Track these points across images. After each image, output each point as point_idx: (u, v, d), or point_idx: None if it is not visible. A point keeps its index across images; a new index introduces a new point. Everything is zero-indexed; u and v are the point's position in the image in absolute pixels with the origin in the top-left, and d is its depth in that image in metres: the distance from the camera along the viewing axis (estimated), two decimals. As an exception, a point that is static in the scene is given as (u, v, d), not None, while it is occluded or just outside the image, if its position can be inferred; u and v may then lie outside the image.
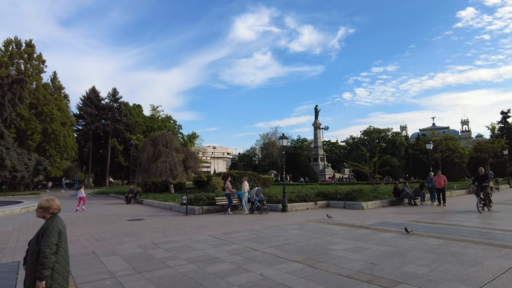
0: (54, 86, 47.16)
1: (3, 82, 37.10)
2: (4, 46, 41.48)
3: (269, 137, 76.04)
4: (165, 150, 27.96)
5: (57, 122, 42.88)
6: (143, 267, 6.46)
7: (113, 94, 60.42)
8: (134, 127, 59.78)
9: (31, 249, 3.22)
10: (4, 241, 9.55)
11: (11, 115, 38.06)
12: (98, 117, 57.32)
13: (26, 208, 18.09)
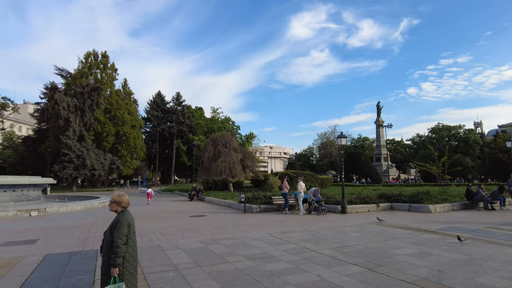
0: (125, 92, 51.51)
1: (84, 90, 41.61)
2: (85, 58, 46.43)
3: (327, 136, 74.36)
4: (225, 150, 28.90)
5: (128, 125, 46.78)
6: (204, 261, 6.77)
7: (177, 98, 64.11)
8: (196, 128, 62.80)
9: (106, 239, 3.60)
10: (86, 231, 10.72)
11: (90, 119, 42.52)
12: (164, 119, 61.33)
13: (103, 203, 20.07)
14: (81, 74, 44.80)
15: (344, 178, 21.22)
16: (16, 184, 18.23)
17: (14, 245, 8.67)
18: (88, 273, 6.01)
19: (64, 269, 6.30)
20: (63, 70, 48.24)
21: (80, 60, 46.31)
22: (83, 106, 41.29)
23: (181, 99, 64.42)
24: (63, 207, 17.05)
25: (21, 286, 5.32)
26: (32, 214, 15.15)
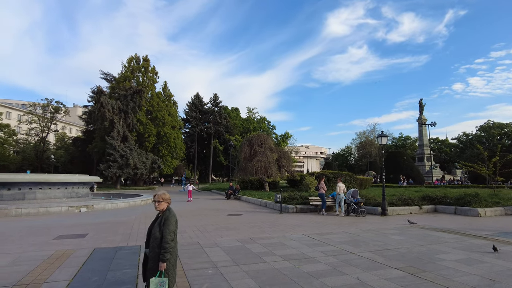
0: (165, 94, 53.44)
1: (127, 93, 43.76)
2: (128, 62, 48.80)
3: (366, 135, 72.02)
4: (260, 150, 29.06)
5: (168, 126, 48.50)
6: (241, 260, 6.87)
7: (214, 99, 65.46)
8: (233, 128, 63.76)
9: (154, 236, 3.79)
10: (129, 228, 11.28)
11: (133, 121, 44.63)
12: (202, 120, 62.91)
13: (145, 201, 20.99)
14: (124, 78, 47.15)
15: (385, 178, 20.50)
16: (67, 182, 19.65)
17: (67, 238, 9.34)
18: (132, 268, 6.32)
19: (111, 262, 6.68)
20: (108, 75, 51.11)
21: (123, 65, 48.79)
22: (127, 108, 43.43)
23: (218, 100, 65.70)
24: (108, 204, 18.07)
25: (74, 276, 5.72)
26: (81, 210, 16.21)
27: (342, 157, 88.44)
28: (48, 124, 53.92)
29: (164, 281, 3.65)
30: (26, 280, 5.51)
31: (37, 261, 6.74)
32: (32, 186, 18.16)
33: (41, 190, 18.34)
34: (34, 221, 12.98)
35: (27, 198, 17.70)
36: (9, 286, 5.24)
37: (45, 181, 18.75)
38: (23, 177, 19.27)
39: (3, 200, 17.00)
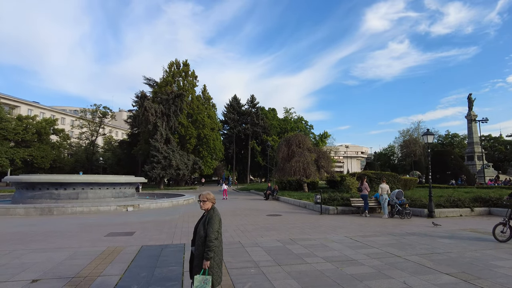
0: (205, 97, 54.82)
1: (169, 97, 45.48)
2: (168, 67, 50.69)
3: (410, 134, 68.67)
4: (298, 150, 28.85)
5: (208, 128, 49.71)
6: (283, 260, 6.88)
7: (251, 101, 66.07)
8: (270, 129, 63.94)
9: (199, 234, 3.93)
10: (173, 227, 11.72)
11: (175, 123, 46.28)
12: (239, 122, 63.77)
13: (187, 200, 21.69)
14: (165, 83, 49.04)
15: (431, 179, 19.45)
16: (115, 182, 20.83)
17: (116, 235, 9.91)
18: (177, 265, 6.57)
19: (157, 260, 7.00)
20: (151, 80, 53.44)
21: (164, 70, 50.73)
22: (168, 111, 45.15)
23: (255, 101, 66.22)
24: (153, 203, 18.90)
25: (124, 271, 6.07)
26: (128, 209, 17.11)
27: (385, 156, 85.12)
28: (97, 128, 57.49)
29: (208, 278, 3.75)
30: (83, 273, 5.94)
31: (91, 256, 7.22)
32: (85, 186, 19.48)
33: (92, 190, 19.60)
34: (87, 219, 13.92)
35: (80, 198, 19.00)
36: (70, 277, 5.68)
37: (95, 182, 20.02)
38: (76, 178, 20.71)
39: (61, 199, 18.40)
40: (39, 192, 18.71)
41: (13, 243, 8.68)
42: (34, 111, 64.68)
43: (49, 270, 6.17)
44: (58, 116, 66.92)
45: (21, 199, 18.88)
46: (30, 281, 5.54)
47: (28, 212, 15.26)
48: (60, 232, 10.55)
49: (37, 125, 47.55)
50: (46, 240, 9.22)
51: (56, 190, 18.71)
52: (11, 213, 15.16)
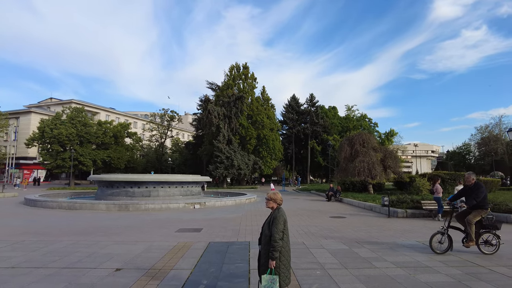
0: (264, 98, 55.46)
1: (230, 100, 46.96)
2: (229, 71, 52.34)
3: (490, 130, 61.68)
4: (362, 149, 27.68)
5: (267, 128, 50.27)
6: (349, 263, 6.65)
7: (310, 99, 65.13)
8: (331, 128, 62.38)
9: (264, 233, 3.98)
10: (238, 224, 12.05)
11: (236, 125, 47.64)
12: (299, 121, 63.27)
13: (249, 199, 22.15)
14: (227, 86, 50.73)
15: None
16: (183, 181, 22.11)
17: (185, 231, 10.50)
18: (243, 262, 6.74)
19: (224, 256, 7.24)
20: (213, 84, 55.69)
21: (225, 74, 52.50)
22: (230, 113, 46.64)
23: (314, 100, 65.16)
24: (218, 202, 19.65)
25: (194, 266, 6.39)
26: (195, 207, 18.01)
27: (459, 155, 77.49)
28: (165, 131, 61.59)
29: (275, 278, 3.77)
30: (158, 266, 6.39)
31: (164, 250, 7.75)
32: (156, 185, 21.01)
33: (162, 189, 21.05)
34: (158, 215, 14.97)
35: (152, 195, 20.53)
36: (146, 269, 6.16)
37: (165, 181, 21.47)
38: (148, 177, 22.44)
39: (135, 197, 20.08)
40: (117, 190, 20.64)
41: (99, 235, 9.69)
42: (111, 117, 71.62)
43: (129, 260, 6.76)
44: (131, 121, 73.32)
45: (103, 195, 21.01)
46: (115, 269, 6.13)
47: (109, 208, 16.91)
48: (136, 226, 11.50)
49: (113, 129, 52.46)
50: (124, 233, 10.12)
51: (131, 188, 20.47)
52: (95, 208, 16.95)
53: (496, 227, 7.46)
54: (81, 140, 47.00)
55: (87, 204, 17.33)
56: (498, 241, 7.39)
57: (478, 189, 7.46)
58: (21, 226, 11.60)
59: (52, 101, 74.49)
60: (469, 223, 7.40)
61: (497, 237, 7.43)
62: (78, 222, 12.66)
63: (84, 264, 6.44)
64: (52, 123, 45.77)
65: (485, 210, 7.45)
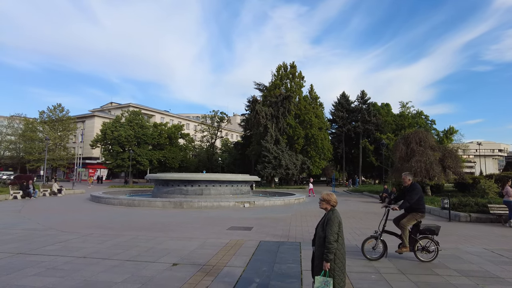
0: (311, 96, 54.66)
1: (277, 100, 46.99)
2: (276, 71, 52.39)
3: None
4: (419, 148, 26.05)
5: (315, 128, 49.46)
6: (408, 269, 6.31)
7: (361, 97, 62.80)
8: (384, 126, 59.57)
9: (318, 234, 3.93)
10: (287, 224, 12.02)
11: (283, 125, 47.55)
12: (349, 119, 61.35)
13: (298, 199, 21.97)
14: (274, 86, 50.83)
15: None
16: (233, 180, 22.61)
17: (236, 230, 10.71)
18: (295, 263, 6.69)
19: (276, 255, 7.26)
20: (260, 84, 56.10)
21: (273, 74, 52.64)
22: (277, 113, 46.68)
23: (365, 97, 62.71)
24: (267, 201, 19.77)
25: (246, 264, 6.50)
26: (245, 206, 18.30)
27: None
28: (215, 132, 63.46)
29: (329, 281, 3.69)
30: (212, 262, 6.60)
31: (217, 247, 7.98)
32: (207, 183, 21.72)
33: (214, 187, 21.71)
34: (210, 212, 15.45)
35: (204, 194, 21.26)
36: (201, 265, 6.40)
37: (216, 180, 22.11)
38: (201, 176, 23.27)
39: (188, 195, 20.95)
40: (171, 188, 21.70)
41: (156, 231, 10.26)
42: (165, 119, 75.54)
43: (184, 256, 7.07)
44: (183, 122, 76.68)
45: (159, 193, 22.20)
46: (171, 264, 6.45)
47: (164, 205, 17.83)
48: (189, 223, 11.99)
49: (168, 131, 55.24)
50: (179, 230, 10.60)
51: (185, 187, 21.39)
52: (152, 205, 17.97)
53: (433, 232, 6.91)
54: (138, 141, 50.22)
55: (144, 201, 18.45)
56: (437, 248, 6.82)
57: (412, 190, 6.93)
58: (89, 220, 12.68)
59: (113, 105, 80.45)
60: (403, 228, 6.95)
61: (436, 243, 6.84)
62: (137, 218, 13.52)
63: (144, 258, 6.86)
64: (112, 126, 49.51)
65: (421, 214, 6.93)
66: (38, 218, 12.97)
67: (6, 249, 7.50)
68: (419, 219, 6.96)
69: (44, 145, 46.94)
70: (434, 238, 6.95)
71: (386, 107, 66.68)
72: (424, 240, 6.99)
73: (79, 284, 5.20)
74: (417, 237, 6.97)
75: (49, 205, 18.39)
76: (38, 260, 6.59)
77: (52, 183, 27.85)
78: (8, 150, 66.78)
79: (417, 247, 6.97)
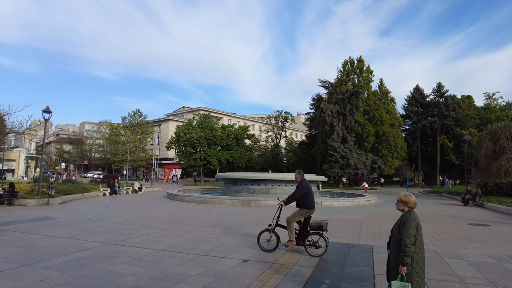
0: (382, 91, 51.72)
1: (344, 96, 45.44)
2: (342, 66, 50.67)
3: None
4: (510, 144, 23.03)
5: (387, 124, 46.64)
6: (500, 281, 5.62)
7: (438, 89, 57.57)
8: (465, 121, 53.85)
9: (394, 236, 3.72)
10: (358, 227, 11.57)
11: (351, 122, 45.78)
12: (424, 115, 56.68)
13: (369, 201, 21.00)
14: (340, 82, 49.22)
15: None
16: (299, 180, 22.43)
17: (304, 230, 10.64)
18: (367, 266, 6.43)
19: (346, 258, 7.05)
20: (325, 82, 54.76)
21: (338, 70, 50.99)
22: (344, 111, 45.12)
23: (442, 89, 57.29)
24: (335, 202, 19.27)
25: (316, 265, 6.43)
26: (312, 206, 18.06)
27: None
28: (280, 132, 63.80)
29: (406, 286, 3.49)
30: (281, 261, 6.67)
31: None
32: (273, 183, 21.94)
33: (279, 187, 21.84)
34: (278, 212, 15.57)
35: (270, 193, 21.52)
36: (270, 263, 6.50)
37: (282, 179, 22.20)
38: (267, 176, 23.61)
39: (255, 193, 21.40)
40: (239, 186, 22.40)
41: (226, 228, 10.71)
42: (232, 121, 78.25)
43: (254, 253, 7.25)
44: (249, 123, 78.65)
45: (228, 191, 23.10)
46: (242, 260, 6.67)
47: (233, 203, 18.48)
48: (258, 221, 12.25)
49: (235, 132, 57.16)
50: (248, 227, 10.91)
51: (252, 186, 21.91)
52: (222, 203, 18.77)
53: (322, 228, 7.14)
54: (208, 142, 52.93)
55: (215, 199, 19.35)
56: (327, 243, 7.02)
57: (297, 187, 7.37)
58: (166, 216, 13.73)
59: (185, 109, 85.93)
60: (288, 222, 7.22)
61: (325, 239, 7.04)
62: (208, 214, 14.25)
63: (216, 253, 7.21)
64: (185, 129, 52.95)
65: (306, 210, 7.19)
66: (123, 213, 14.46)
67: (100, 239, 8.51)
68: (304, 215, 7.19)
69: (126, 147, 52.10)
70: (323, 234, 7.09)
71: (467, 100, 60.22)
72: (315, 236, 7.16)
73: (160, 274, 5.67)
74: (308, 232, 7.17)
75: (132, 202, 20.37)
76: (125, 250, 7.34)
77: (134, 182, 30.81)
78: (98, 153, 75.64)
79: (307, 242, 7.15)
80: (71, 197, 19.70)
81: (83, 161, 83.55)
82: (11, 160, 43.16)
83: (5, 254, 6.79)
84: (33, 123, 30.89)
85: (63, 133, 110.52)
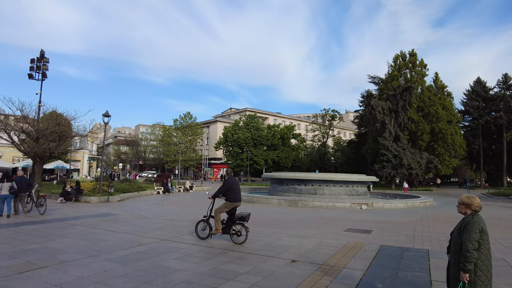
0: (437, 86, 48.40)
1: (395, 92, 43.24)
2: (393, 61, 48.21)
3: None
4: None
5: (443, 121, 43.51)
6: None
7: (504, 81, 52.36)
8: (538, 115, 48.36)
9: (454, 240, 3.46)
10: (412, 230, 10.95)
11: (404, 119, 43.40)
12: (487, 110, 51.93)
13: (424, 203, 19.80)
14: (391, 78, 46.89)
15: None
16: (348, 181, 21.82)
17: (355, 232, 10.32)
18: (422, 271, 6.06)
19: (399, 262, 6.71)
20: (375, 78, 52.53)
21: (389, 65, 48.59)
22: (396, 107, 42.92)
23: (509, 81, 51.89)
24: (387, 203, 18.44)
25: (367, 268, 6.20)
26: (362, 208, 17.45)
27: None
28: (327, 131, 62.41)
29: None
30: (330, 262, 6.53)
31: (334, 248, 7.84)
32: (321, 183, 21.53)
33: (327, 187, 21.38)
34: (325, 212, 15.28)
35: (317, 193, 21.16)
36: (319, 264, 6.40)
37: (330, 179, 21.72)
38: (314, 176, 23.25)
39: (302, 194, 21.18)
40: (286, 186, 22.32)
41: (273, 227, 10.75)
42: (278, 120, 78.19)
43: (302, 254, 7.19)
44: (295, 123, 78.00)
45: (274, 191, 23.13)
46: (290, 260, 6.64)
47: (280, 203, 18.48)
48: (304, 222, 12.14)
49: (280, 132, 57.10)
50: (295, 227, 10.84)
51: (298, 186, 21.71)
52: (269, 202, 18.86)
53: (244, 219, 8.09)
54: (254, 142, 53.52)
55: (262, 198, 19.50)
56: (247, 232, 7.99)
57: (222, 183, 8.50)
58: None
59: (232, 110, 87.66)
60: (215, 213, 8.25)
61: (246, 228, 8.01)
62: (256, 214, 14.32)
63: (264, 252, 7.26)
64: (232, 129, 54.09)
65: (228, 203, 8.13)
66: (175, 211, 15.15)
67: (155, 235, 9.00)
68: (229, 207, 8.12)
69: (178, 148, 54.50)
70: (245, 224, 8.05)
71: (541, 92, 53.96)
72: (238, 225, 8.11)
73: (210, 270, 5.85)
74: (233, 222, 8.12)
75: (183, 200, 21.26)
76: (177, 246, 7.69)
77: (186, 181, 32.14)
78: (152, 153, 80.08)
79: (232, 231, 8.11)
80: (128, 195, 21.06)
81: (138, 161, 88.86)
82: (76, 160, 47.29)
83: (75, 246, 7.52)
84: (95, 126, 33.70)
85: (120, 135, 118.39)
